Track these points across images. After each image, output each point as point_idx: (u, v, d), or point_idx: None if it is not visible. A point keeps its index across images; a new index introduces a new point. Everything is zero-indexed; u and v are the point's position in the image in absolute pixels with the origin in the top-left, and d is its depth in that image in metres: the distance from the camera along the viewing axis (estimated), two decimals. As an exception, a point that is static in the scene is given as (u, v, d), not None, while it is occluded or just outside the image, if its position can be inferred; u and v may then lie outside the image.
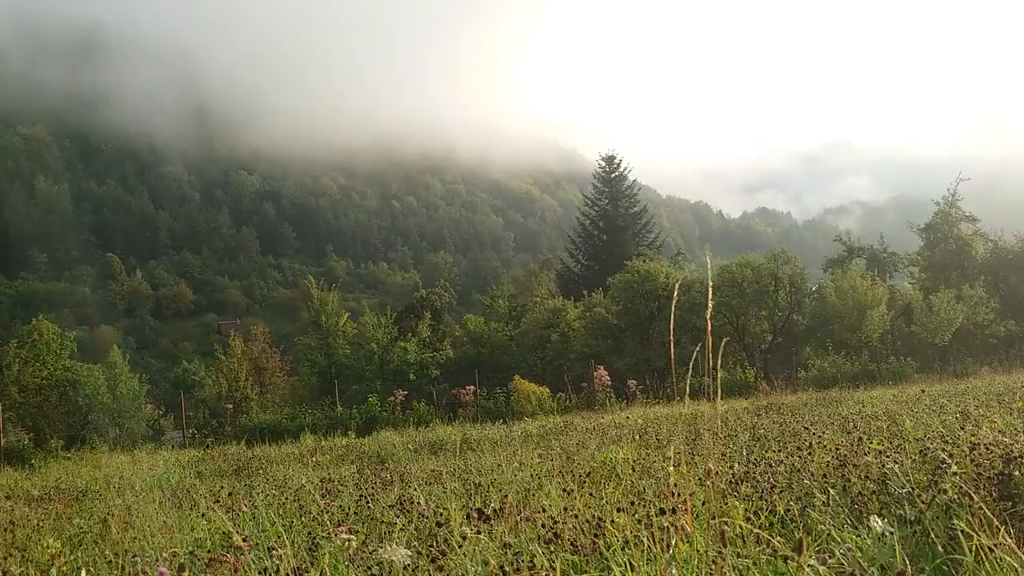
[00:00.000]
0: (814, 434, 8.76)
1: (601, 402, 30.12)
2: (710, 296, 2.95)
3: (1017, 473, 4.55)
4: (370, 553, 4.24)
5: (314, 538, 5.51)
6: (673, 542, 3.78)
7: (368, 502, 8.26)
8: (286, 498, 9.27)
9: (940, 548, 3.44)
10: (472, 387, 33.81)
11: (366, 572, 4.07)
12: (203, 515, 7.77)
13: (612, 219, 72.57)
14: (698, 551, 3.63)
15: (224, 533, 6.77)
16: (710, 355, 2.69)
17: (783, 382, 32.67)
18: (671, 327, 3.46)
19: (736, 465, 7.98)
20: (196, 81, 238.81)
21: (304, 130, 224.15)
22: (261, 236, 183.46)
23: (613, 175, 75.12)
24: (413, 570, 4.09)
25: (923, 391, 17.41)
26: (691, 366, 3.21)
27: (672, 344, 3.57)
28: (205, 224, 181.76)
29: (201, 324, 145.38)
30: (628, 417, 19.76)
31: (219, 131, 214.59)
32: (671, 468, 7.99)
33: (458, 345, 49.36)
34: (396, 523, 6.38)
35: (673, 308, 3.71)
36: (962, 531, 3.27)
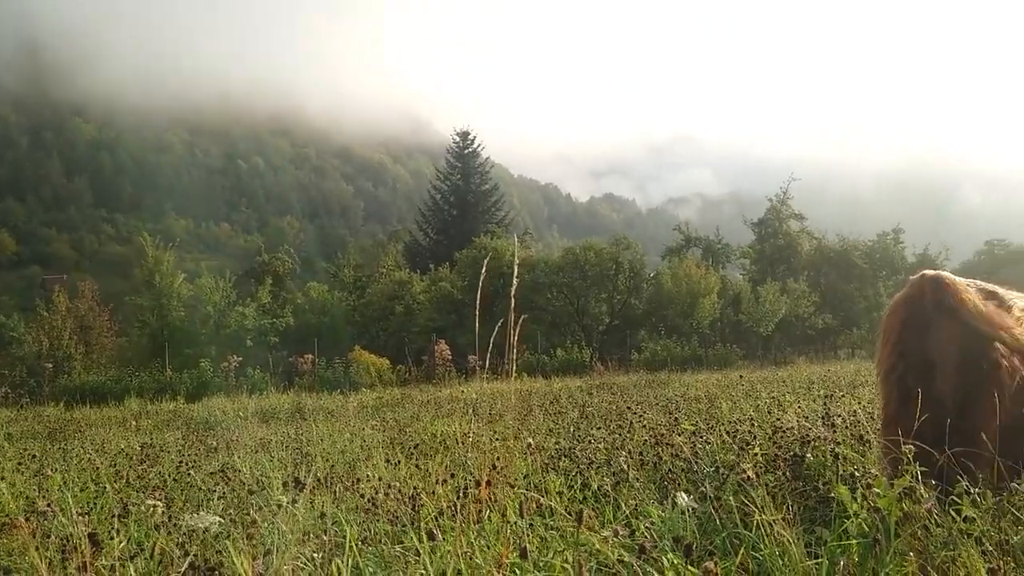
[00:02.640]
0: (636, 414, 9.11)
1: (441, 376, 30.25)
2: (515, 273, 3.02)
3: (809, 455, 4.90)
4: (180, 520, 4.13)
5: (125, 505, 5.31)
6: (486, 513, 3.87)
7: (189, 469, 8.03)
8: (102, 463, 8.87)
9: (732, 523, 3.67)
10: (311, 356, 33.26)
11: (174, 539, 3.97)
12: (2, 478, 7.33)
13: (463, 195, 72.73)
14: (509, 521, 3.72)
15: (28, 498, 6.43)
16: (511, 332, 2.75)
17: (617, 363, 33.75)
18: (477, 303, 3.48)
19: (561, 440, 8.22)
20: (27, 11, 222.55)
21: (147, 79, 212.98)
22: (95, 188, 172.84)
23: (467, 151, 75.21)
24: (226, 537, 4.02)
25: (741, 376, 18.37)
26: (497, 344, 3.27)
27: (512, 325, 3.64)
28: (32, 170, 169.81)
29: (24, 277, 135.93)
30: (464, 392, 19.92)
31: (52, 71, 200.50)
32: (497, 442, 8.16)
33: (300, 313, 48.38)
34: (215, 491, 6.24)
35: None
36: (751, 508, 3.50)
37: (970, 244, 70.19)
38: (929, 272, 4.47)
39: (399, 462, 7.09)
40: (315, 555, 3.45)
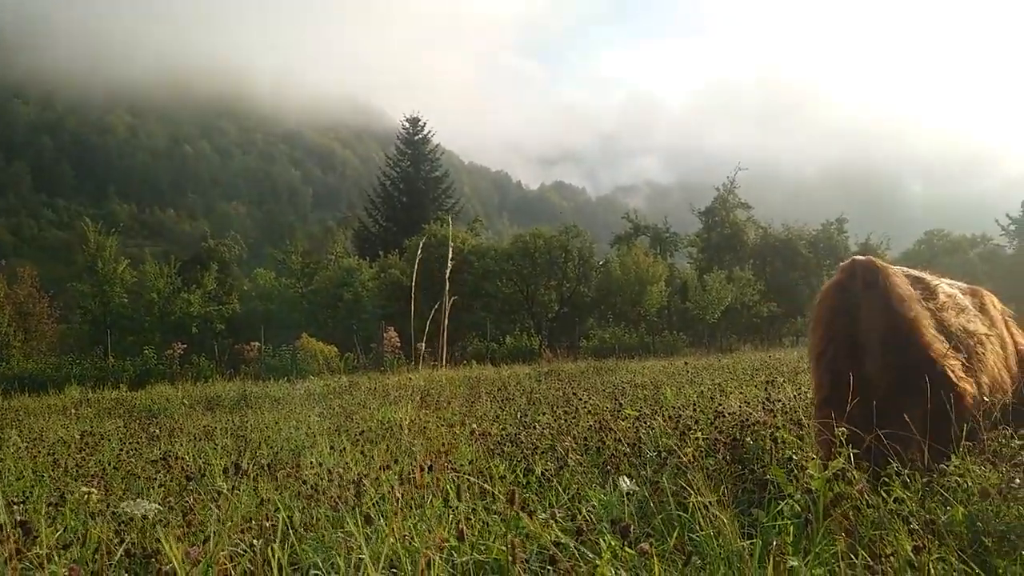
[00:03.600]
0: (581, 400, 9.18)
1: (389, 363, 30.13)
2: (450, 258, 3.02)
3: (748, 439, 4.98)
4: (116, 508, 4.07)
5: (62, 493, 5.22)
6: (428, 498, 3.88)
7: (130, 457, 7.92)
8: (39, 451, 8.69)
9: (670, 506, 3.73)
10: (258, 343, 32.90)
11: (111, 527, 3.91)
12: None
13: (413, 181, 72.29)
14: (451, 506, 3.74)
15: (-40, 487, 6.28)
16: (446, 318, 2.75)
17: (566, 350, 33.92)
18: (412, 289, 3.52)
19: (508, 427, 8.26)
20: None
21: (88, 60, 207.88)
22: (35, 171, 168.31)
23: (417, 137, 74.74)
24: (164, 525, 3.98)
25: (686, 363, 18.60)
26: (436, 331, 3.26)
27: (445, 313, 3.64)
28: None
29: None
30: (411, 379, 19.88)
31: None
32: (443, 429, 8.17)
33: (246, 300, 47.83)
34: (156, 479, 6.16)
35: (447, 276, 3.77)
36: (689, 490, 3.56)
37: (911, 234, 71.84)
38: (858, 258, 4.58)
39: (344, 449, 7.06)
40: (254, 541, 3.43)
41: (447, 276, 3.00)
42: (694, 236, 53.18)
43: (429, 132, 75.31)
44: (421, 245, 4.13)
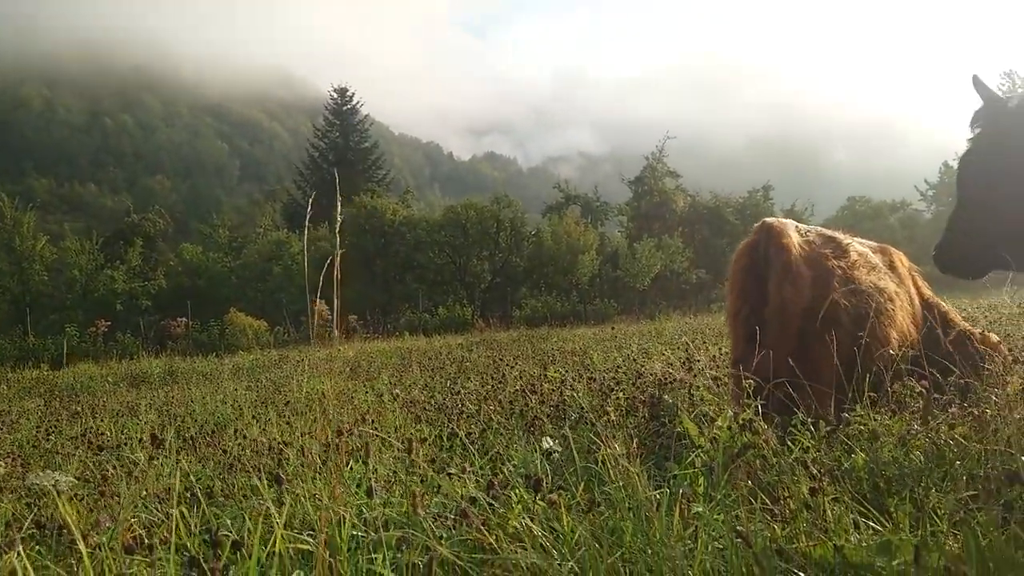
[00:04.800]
0: (509, 365, 9.25)
1: (321, 336, 29.88)
2: (337, 228, 3.01)
3: (665, 396, 5.09)
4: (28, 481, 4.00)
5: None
6: (348, 463, 3.88)
7: (49, 434, 7.76)
8: (-47, 431, 8.46)
9: (584, 460, 3.80)
10: (185, 319, 32.32)
11: (22, 501, 3.85)
12: None
13: (342, 153, 71.41)
14: (374, 469, 3.75)
15: None
16: (338, 287, 2.75)
17: (499, 320, 34.06)
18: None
19: (436, 395, 8.29)
20: None
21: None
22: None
23: (345, 108, 73.73)
24: (80, 499, 3.93)
25: (613, 329, 18.85)
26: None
27: (337, 290, 3.61)
28: None
29: None
30: (341, 350, 19.78)
31: None
32: (371, 397, 8.17)
33: (173, 275, 46.85)
34: (75, 454, 6.05)
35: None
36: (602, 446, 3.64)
37: (835, 200, 73.41)
38: (768, 220, 4.69)
39: (269, 420, 7.02)
40: (171, 510, 3.40)
41: (335, 258, 2.92)
42: (624, 205, 53.61)
43: (358, 103, 74.38)
44: (339, 215, 3.99)
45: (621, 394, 5.63)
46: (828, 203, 72.57)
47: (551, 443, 4.29)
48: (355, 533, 2.61)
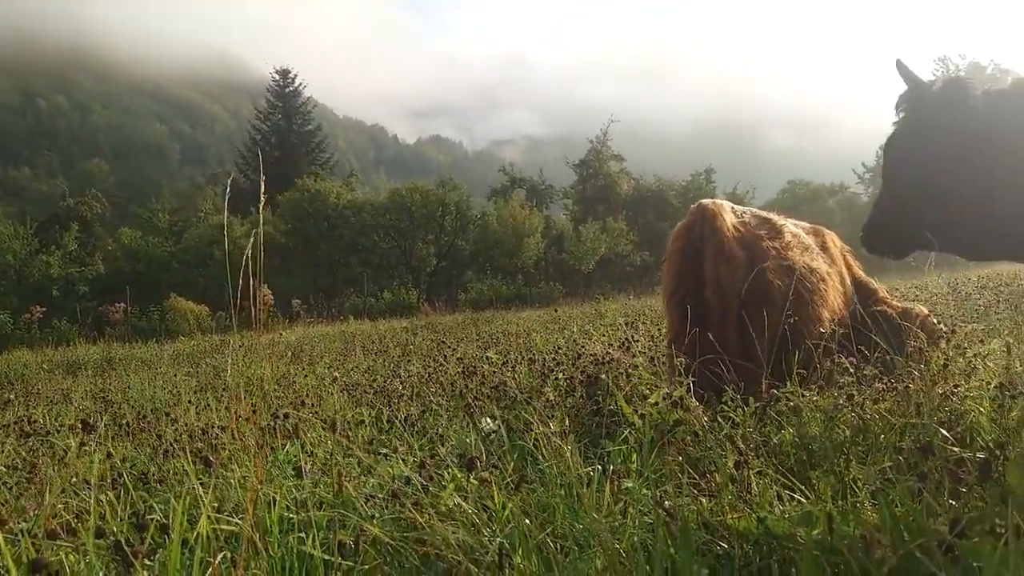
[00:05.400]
0: (451, 348, 9.26)
1: (263, 321, 29.52)
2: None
3: (603, 376, 5.14)
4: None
5: None
6: (285, 445, 3.87)
7: (-21, 423, 7.58)
8: None
9: (520, 439, 3.83)
10: (123, 305, 31.69)
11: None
12: None
13: (285, 136, 70.47)
14: (309, 452, 3.74)
15: None
16: (261, 271, 2.73)
17: (445, 303, 33.99)
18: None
19: (378, 378, 8.27)
20: None
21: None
22: None
23: (288, 90, 72.69)
24: (9, 487, 3.86)
25: (556, 311, 18.96)
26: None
27: (259, 278, 3.59)
28: None
29: None
30: (282, 335, 19.62)
31: None
32: (312, 381, 8.12)
33: (111, 260, 45.90)
34: (5, 442, 5.92)
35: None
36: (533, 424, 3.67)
37: (776, 183, 74.46)
38: (703, 201, 4.76)
39: (207, 406, 6.94)
40: (102, 496, 3.35)
41: (250, 248, 2.85)
42: (569, 188, 53.83)
43: (300, 85, 73.39)
44: (263, 194, 3.84)
45: (560, 374, 5.68)
46: (769, 186, 73.62)
47: (490, 423, 4.32)
48: (286, 514, 2.60)
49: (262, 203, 2.65)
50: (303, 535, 2.41)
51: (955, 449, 3.02)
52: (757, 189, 55.38)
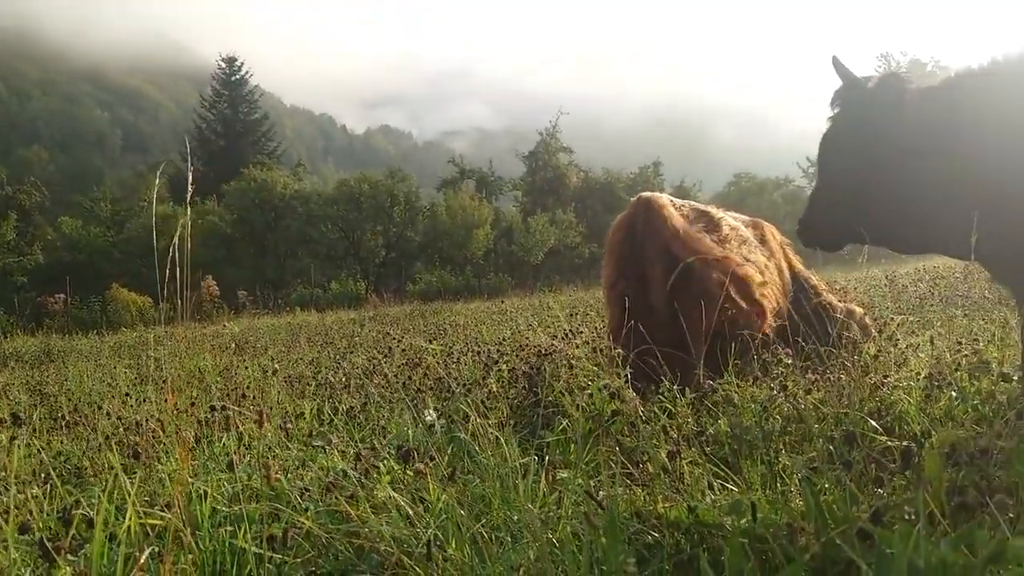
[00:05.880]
0: (396, 339, 9.23)
1: (209, 313, 29.12)
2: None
3: (545, 367, 5.17)
4: None
5: None
6: (221, 438, 3.83)
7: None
8: None
9: (458, 430, 3.84)
10: (64, 295, 30.99)
11: None
12: None
13: (231, 124, 69.35)
14: (246, 444, 3.71)
15: None
16: (189, 263, 2.71)
17: (393, 295, 33.81)
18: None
19: (323, 370, 8.21)
20: None
21: None
22: None
23: (234, 78, 71.49)
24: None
25: (503, 302, 19.00)
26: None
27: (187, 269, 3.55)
28: None
29: None
30: (225, 326, 19.39)
31: None
32: (255, 373, 8.03)
33: (51, 250, 44.85)
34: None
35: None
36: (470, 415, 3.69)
37: (722, 176, 75.33)
38: (644, 194, 4.81)
39: (146, 398, 6.83)
40: (29, 492, 3.29)
41: (175, 240, 2.80)
42: (518, 180, 53.85)
43: (247, 73, 72.16)
44: (190, 185, 3.67)
45: (504, 366, 5.69)
46: (716, 179, 74.56)
47: (432, 415, 4.32)
48: (219, 508, 2.58)
49: (189, 195, 2.61)
50: (235, 529, 2.40)
51: (883, 438, 3.10)
52: (704, 182, 56.05)
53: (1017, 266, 3.54)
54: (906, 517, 1.84)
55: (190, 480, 2.42)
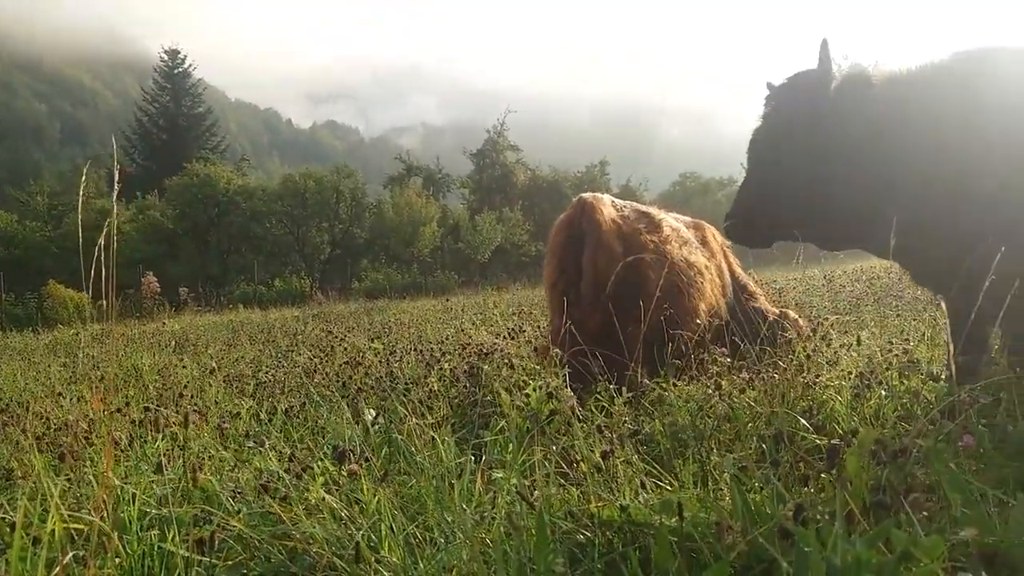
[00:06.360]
0: (337, 338, 9.17)
1: (149, 310, 28.57)
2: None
3: (485, 366, 5.18)
4: None
5: None
6: (155, 438, 3.77)
7: None
8: None
9: (397, 431, 3.83)
10: (-3, 292, 30.25)
11: None
12: None
13: (174, 118, 68.17)
14: (180, 445, 3.66)
15: None
16: (114, 259, 2.67)
17: (338, 292, 33.54)
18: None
19: (263, 369, 8.12)
20: None
21: None
22: None
23: (177, 71, 70.29)
24: None
25: (447, 301, 18.97)
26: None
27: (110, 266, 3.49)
28: None
29: None
30: (165, 324, 19.06)
31: None
32: (193, 372, 7.92)
33: (-16, 245, 43.70)
34: None
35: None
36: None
37: (669, 175, 76.11)
38: (584, 195, 4.85)
39: (80, 398, 6.69)
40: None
41: (102, 239, 2.74)
42: (466, 177, 53.86)
43: (190, 66, 71.01)
44: (117, 183, 3.56)
45: (447, 364, 5.69)
46: (663, 179, 75.30)
47: (372, 414, 4.30)
48: (149, 510, 2.54)
49: (116, 192, 2.56)
50: (164, 532, 2.36)
51: (813, 437, 3.16)
52: (650, 181, 56.56)
53: (935, 268, 3.63)
54: (826, 516, 1.89)
55: (118, 483, 2.38)
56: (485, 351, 5.51)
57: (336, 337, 9.56)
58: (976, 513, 1.94)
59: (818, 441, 3.02)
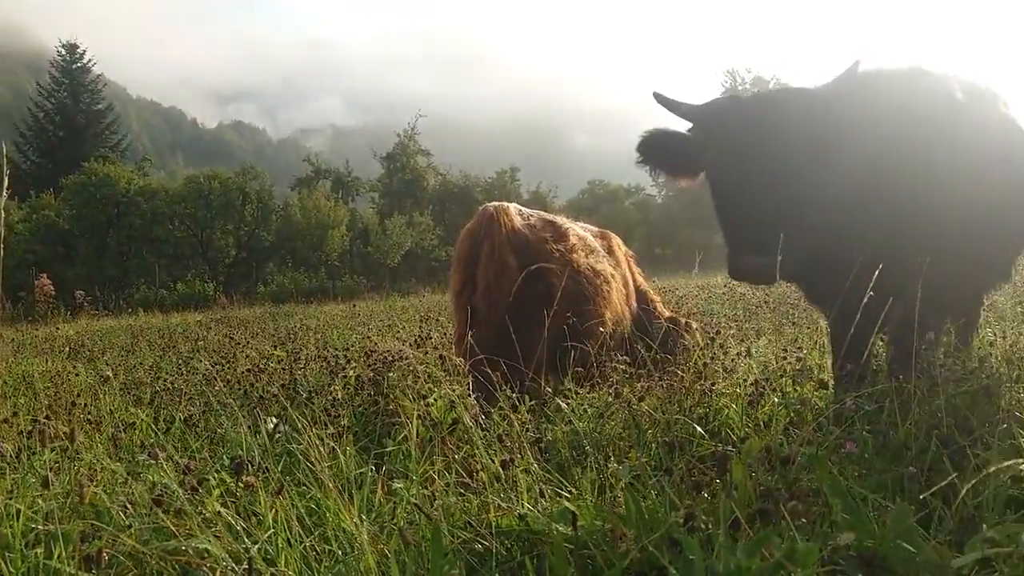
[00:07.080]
0: (239, 344, 9.02)
1: (43, 314, 27.48)
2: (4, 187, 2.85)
3: (391, 374, 5.17)
4: None
5: None
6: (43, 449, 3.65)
7: None
8: None
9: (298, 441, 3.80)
10: None
11: None
12: None
13: (71, 115, 65.65)
14: (71, 457, 3.55)
15: None
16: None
17: (243, 296, 32.88)
18: None
19: (163, 376, 7.92)
20: None
21: None
22: None
23: (75, 66, 67.74)
24: None
25: (354, 306, 18.83)
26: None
27: None
28: None
29: None
30: (59, 328, 18.41)
31: None
32: (88, 379, 7.67)
33: None
34: None
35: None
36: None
37: (578, 183, 76.94)
38: (487, 205, 4.90)
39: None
40: None
41: None
42: (376, 181, 53.47)
43: (90, 61, 68.50)
44: (4, 190, 3.36)
45: (351, 372, 5.65)
46: (572, 186, 76.06)
47: (274, 423, 4.25)
48: (36, 526, 2.46)
49: (4, 188, 2.48)
50: (50, 548, 2.29)
51: (708, 444, 3.26)
52: (559, 188, 57.05)
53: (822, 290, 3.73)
54: (713, 523, 1.95)
55: (1, 498, 2.30)
56: (391, 359, 5.48)
57: (239, 343, 9.38)
58: (856, 517, 2.04)
59: (713, 448, 3.10)
